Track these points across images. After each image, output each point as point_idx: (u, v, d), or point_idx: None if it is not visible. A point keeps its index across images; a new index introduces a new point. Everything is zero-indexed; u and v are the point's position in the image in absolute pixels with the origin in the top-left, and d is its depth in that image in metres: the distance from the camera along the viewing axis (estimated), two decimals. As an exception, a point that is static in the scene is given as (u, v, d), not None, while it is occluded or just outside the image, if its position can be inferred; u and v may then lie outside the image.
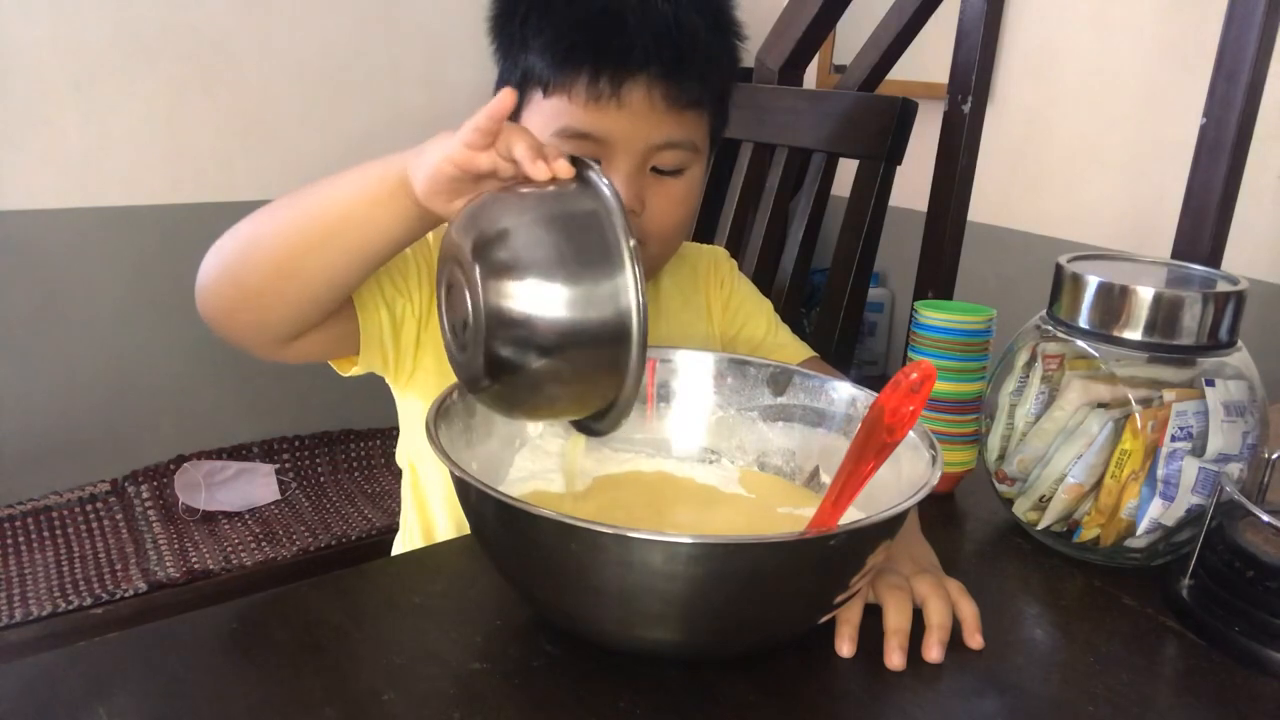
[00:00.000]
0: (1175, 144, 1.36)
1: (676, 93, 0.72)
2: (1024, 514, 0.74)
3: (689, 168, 0.76)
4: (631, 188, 0.73)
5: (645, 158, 0.73)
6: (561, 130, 0.72)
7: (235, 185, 1.97)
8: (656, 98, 0.71)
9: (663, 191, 0.75)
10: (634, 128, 0.72)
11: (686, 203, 0.77)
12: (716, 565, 0.48)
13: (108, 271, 1.85)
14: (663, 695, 0.53)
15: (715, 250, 0.96)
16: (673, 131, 0.73)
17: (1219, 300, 0.67)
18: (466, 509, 0.57)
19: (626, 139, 0.72)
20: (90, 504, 1.75)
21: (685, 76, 0.72)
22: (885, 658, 0.57)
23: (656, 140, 0.73)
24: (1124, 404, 0.68)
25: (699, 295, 0.91)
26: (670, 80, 0.71)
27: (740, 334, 0.91)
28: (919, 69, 1.66)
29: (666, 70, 0.71)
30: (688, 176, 0.77)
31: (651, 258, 0.79)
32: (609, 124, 0.71)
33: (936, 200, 1.26)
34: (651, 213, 0.75)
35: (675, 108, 0.72)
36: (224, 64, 1.90)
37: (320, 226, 0.62)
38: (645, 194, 0.74)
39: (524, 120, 0.75)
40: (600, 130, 0.71)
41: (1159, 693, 0.58)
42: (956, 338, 0.80)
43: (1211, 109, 1.06)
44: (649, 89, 0.71)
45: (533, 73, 0.73)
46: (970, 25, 1.20)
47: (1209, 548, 0.65)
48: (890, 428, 0.55)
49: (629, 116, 0.71)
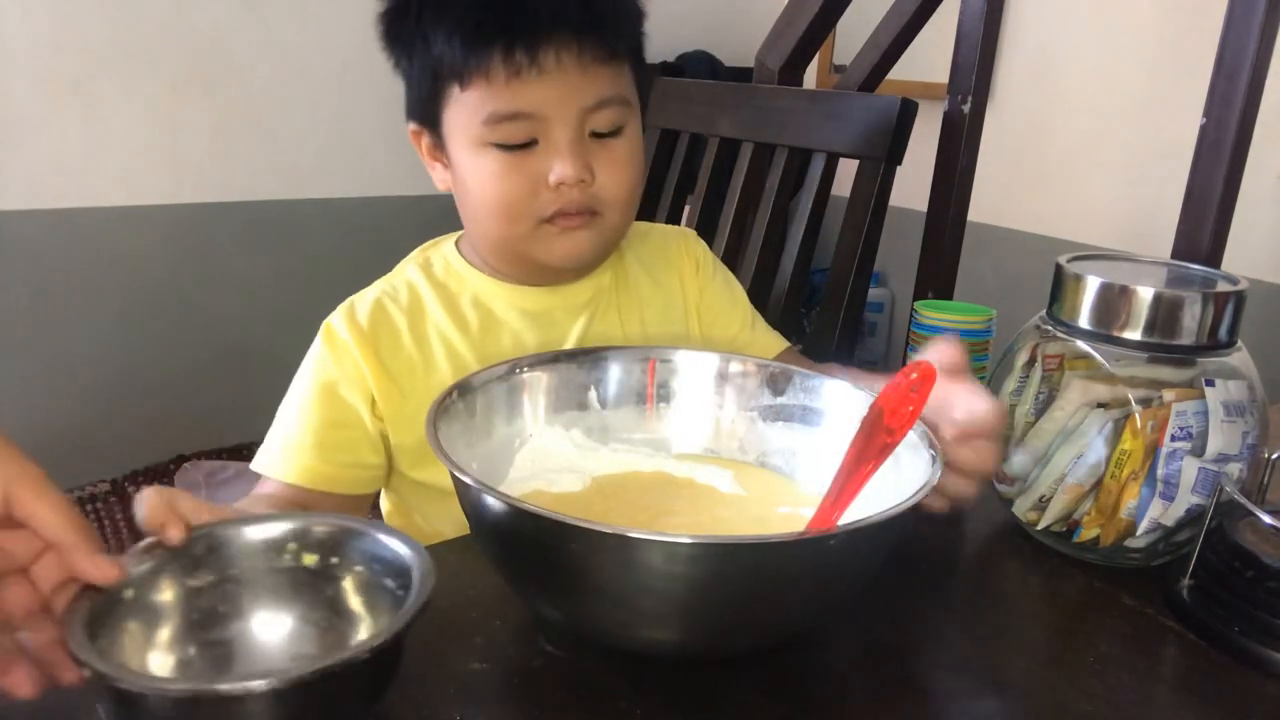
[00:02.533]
0: (1175, 144, 1.36)
1: (594, 47, 0.70)
2: (1024, 514, 0.74)
3: (626, 125, 0.75)
4: (577, 158, 0.71)
5: (581, 123, 0.72)
6: (490, 116, 0.70)
7: (235, 185, 1.97)
8: (576, 57, 0.70)
9: (608, 156, 0.74)
10: (562, 94, 0.70)
11: (633, 163, 0.76)
12: (716, 565, 0.48)
13: (108, 271, 1.86)
14: (663, 695, 0.53)
15: (684, 231, 0.94)
16: (602, 89, 0.72)
17: (1219, 300, 0.66)
18: (466, 509, 0.56)
19: (558, 108, 0.70)
20: (90, 504, 1.75)
21: (599, 29, 0.70)
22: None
23: (588, 101, 0.71)
24: (1124, 404, 0.68)
25: (670, 275, 0.89)
26: (585, 36, 0.70)
27: (715, 325, 0.90)
28: (919, 69, 1.66)
29: (578, 26, 0.69)
30: (628, 136, 0.75)
31: (611, 228, 0.77)
32: (536, 96, 0.70)
33: (936, 200, 1.26)
34: (603, 180, 0.73)
35: (596, 63, 0.71)
36: (224, 64, 1.91)
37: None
38: (592, 161, 0.73)
39: (448, 121, 0.73)
40: (529, 105, 0.70)
41: (1159, 693, 0.58)
42: (956, 337, 0.80)
43: (1211, 109, 1.06)
44: (566, 50, 0.69)
45: (442, 67, 0.71)
46: (970, 25, 1.21)
47: (1209, 548, 0.65)
48: (890, 428, 0.55)
49: (554, 84, 0.70)
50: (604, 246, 0.79)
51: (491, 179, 0.72)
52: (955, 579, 0.71)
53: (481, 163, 0.73)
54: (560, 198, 0.72)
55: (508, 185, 0.72)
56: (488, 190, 0.73)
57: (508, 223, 0.74)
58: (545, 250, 0.75)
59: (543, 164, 0.72)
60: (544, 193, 0.72)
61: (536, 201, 0.73)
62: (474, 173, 0.73)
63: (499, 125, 0.70)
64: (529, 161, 0.72)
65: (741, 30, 2.42)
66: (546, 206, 0.73)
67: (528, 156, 0.72)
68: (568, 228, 0.74)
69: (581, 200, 0.73)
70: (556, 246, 0.75)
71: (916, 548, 0.72)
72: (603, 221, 0.76)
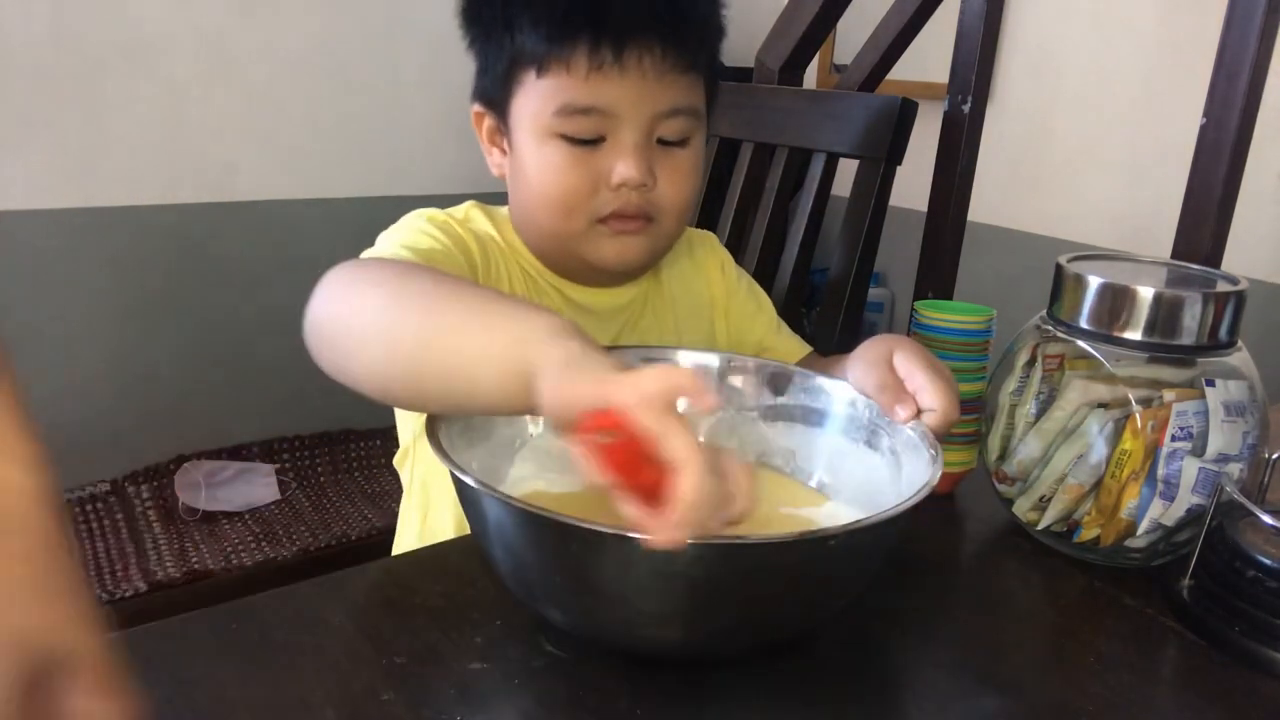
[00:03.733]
0: (1175, 144, 1.36)
1: (676, 56, 0.70)
2: (1024, 514, 0.74)
3: (693, 137, 0.75)
4: (642, 160, 0.71)
5: (651, 127, 0.71)
6: (563, 107, 0.70)
7: (235, 185, 1.97)
8: (659, 62, 0.69)
9: (671, 164, 0.74)
10: (639, 95, 0.70)
11: (694, 174, 0.76)
12: (716, 565, 0.48)
13: (108, 271, 1.86)
14: (663, 695, 0.53)
15: (706, 234, 0.94)
16: (677, 97, 0.71)
17: (1219, 300, 0.66)
18: (466, 509, 0.56)
19: (632, 108, 0.70)
20: (90, 504, 1.75)
21: (686, 38, 0.70)
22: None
23: (662, 107, 0.71)
24: (1124, 404, 0.68)
25: (698, 277, 0.89)
26: (669, 42, 0.69)
27: (743, 328, 0.90)
28: (919, 69, 1.66)
29: (667, 33, 0.69)
30: (693, 147, 0.75)
31: (665, 234, 0.77)
32: (613, 94, 0.69)
33: (936, 200, 1.26)
34: (663, 186, 0.73)
35: (675, 70, 0.70)
36: (224, 64, 1.90)
37: (428, 371, 0.54)
38: (655, 167, 0.72)
39: (517, 107, 0.73)
40: (604, 102, 0.69)
41: (1159, 693, 0.58)
42: (956, 338, 0.80)
43: (1211, 109, 1.05)
44: (650, 52, 0.69)
45: (524, 53, 0.70)
46: (970, 25, 1.20)
47: (1209, 548, 0.65)
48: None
49: (633, 84, 0.69)
50: (654, 253, 0.79)
51: (553, 170, 0.72)
52: (955, 579, 0.71)
53: (545, 152, 0.72)
54: (619, 199, 0.72)
55: (570, 179, 0.71)
56: (548, 181, 0.72)
57: (563, 217, 0.73)
58: (595, 250, 0.75)
59: (606, 162, 0.71)
60: (603, 191, 0.72)
61: (595, 199, 0.72)
62: (536, 162, 0.73)
63: (571, 117, 0.70)
64: (594, 158, 0.71)
65: (741, 30, 2.41)
66: (604, 206, 0.72)
67: (593, 153, 0.71)
68: (621, 231, 0.74)
69: (640, 204, 0.73)
70: (607, 248, 0.75)
71: (916, 548, 0.72)
72: (656, 228, 0.75)
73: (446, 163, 2.14)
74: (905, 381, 0.64)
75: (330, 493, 1.91)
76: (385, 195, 2.07)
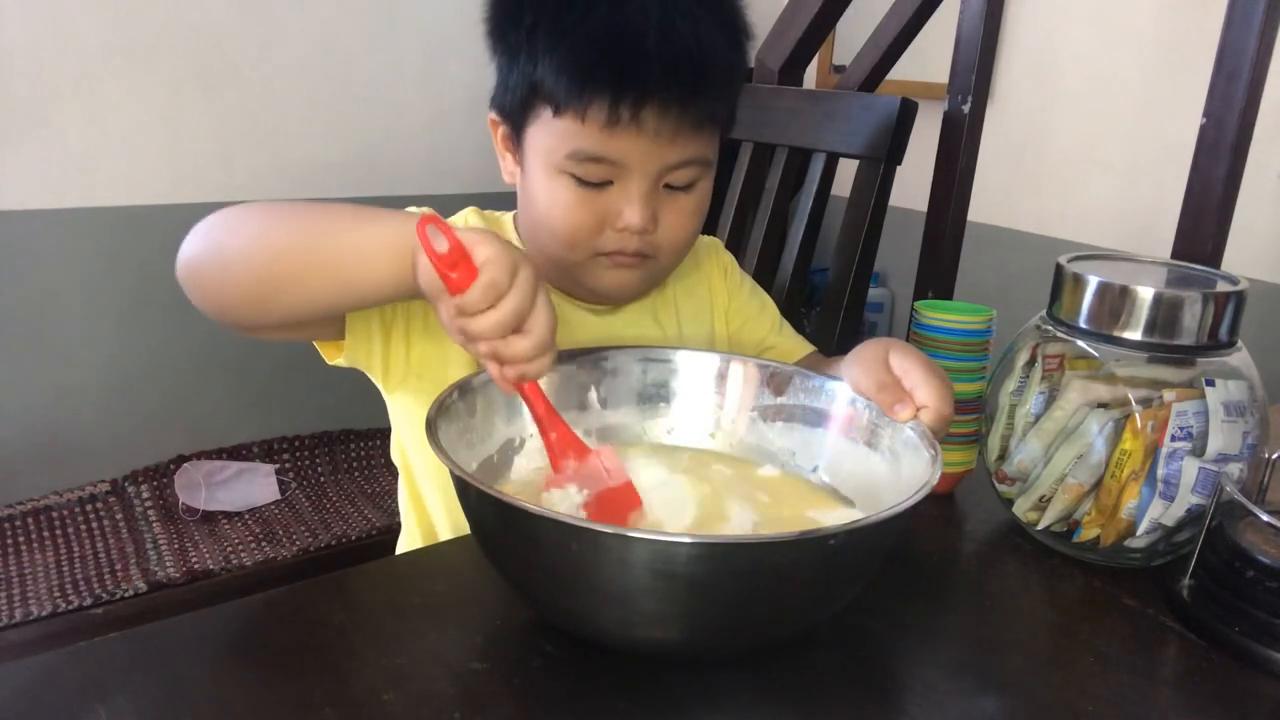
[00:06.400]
0: (1175, 144, 1.36)
1: (695, 113, 0.70)
2: (1024, 514, 0.74)
3: (700, 181, 0.75)
4: (647, 209, 0.72)
5: (659, 177, 0.72)
6: (574, 154, 0.70)
7: (235, 185, 1.97)
8: (675, 120, 0.69)
9: (675, 206, 0.75)
10: (651, 151, 0.70)
11: (697, 215, 0.77)
12: (716, 565, 0.48)
13: (108, 271, 1.85)
14: (663, 695, 0.53)
15: (712, 240, 0.95)
16: (688, 151, 0.72)
17: (1219, 300, 0.67)
18: (466, 509, 0.56)
19: (642, 161, 0.71)
20: (90, 504, 1.75)
21: (705, 97, 0.70)
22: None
23: (672, 161, 0.72)
24: (1124, 404, 0.68)
25: (700, 282, 0.90)
26: (690, 102, 0.69)
27: (744, 329, 0.91)
28: (919, 69, 1.66)
29: (687, 93, 0.69)
30: (699, 190, 0.76)
31: (663, 269, 0.79)
32: (625, 148, 0.70)
33: (936, 200, 1.26)
34: (664, 228, 0.74)
35: (692, 128, 0.71)
36: (224, 64, 1.90)
37: (317, 260, 0.61)
38: (659, 210, 0.74)
39: (531, 135, 0.73)
40: (616, 155, 0.70)
41: (1159, 693, 0.58)
42: (956, 338, 0.80)
43: (1211, 109, 1.05)
44: (668, 112, 0.69)
45: (542, 88, 0.70)
46: (970, 25, 1.20)
47: (1209, 548, 0.65)
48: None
49: (647, 140, 0.69)
50: (651, 284, 0.81)
51: (560, 207, 0.73)
52: (955, 579, 0.71)
53: (554, 187, 0.73)
54: (621, 239, 0.73)
55: (576, 217, 0.73)
56: (555, 216, 0.73)
57: (566, 249, 0.75)
58: (594, 279, 0.77)
59: (613, 204, 0.72)
60: (608, 231, 0.73)
61: (599, 238, 0.74)
62: (545, 195, 0.73)
63: (582, 163, 0.71)
64: (601, 199, 0.72)
65: (741, 30, 2.40)
66: (607, 244, 0.74)
67: (601, 194, 0.72)
68: (620, 264, 0.75)
69: (640, 246, 0.74)
70: (606, 278, 0.76)
71: (916, 548, 0.72)
72: (654, 264, 0.77)
73: (446, 163, 2.14)
74: (901, 379, 0.64)
75: (330, 493, 1.90)
76: (385, 195, 2.06)
